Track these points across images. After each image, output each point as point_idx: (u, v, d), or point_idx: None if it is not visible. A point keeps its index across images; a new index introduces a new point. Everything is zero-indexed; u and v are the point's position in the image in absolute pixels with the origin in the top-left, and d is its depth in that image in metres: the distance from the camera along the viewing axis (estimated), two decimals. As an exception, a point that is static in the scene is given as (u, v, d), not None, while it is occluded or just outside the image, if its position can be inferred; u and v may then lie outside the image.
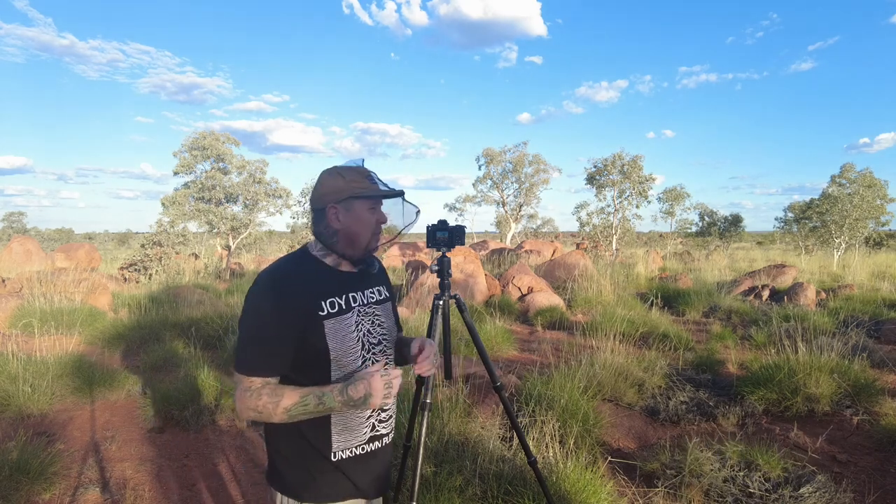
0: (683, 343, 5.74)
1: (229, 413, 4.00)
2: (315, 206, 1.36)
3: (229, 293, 9.07)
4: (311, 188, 1.50)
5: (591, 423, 3.46)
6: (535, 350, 5.80)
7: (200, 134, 16.44)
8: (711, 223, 26.76)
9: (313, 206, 1.37)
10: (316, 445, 1.31)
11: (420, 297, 7.85)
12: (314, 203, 1.36)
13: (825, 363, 4.11)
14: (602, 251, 17.95)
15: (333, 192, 1.34)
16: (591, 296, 8.52)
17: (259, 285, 1.28)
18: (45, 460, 2.98)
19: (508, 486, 2.57)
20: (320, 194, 1.35)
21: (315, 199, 1.36)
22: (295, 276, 1.30)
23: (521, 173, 25.16)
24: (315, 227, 1.38)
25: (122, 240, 45.28)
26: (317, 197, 1.36)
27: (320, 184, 1.36)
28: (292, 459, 1.33)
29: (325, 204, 1.34)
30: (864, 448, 3.40)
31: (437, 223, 2.00)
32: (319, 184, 1.36)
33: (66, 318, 6.09)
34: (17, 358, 4.33)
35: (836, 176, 20.19)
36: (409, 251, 16.55)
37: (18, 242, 12.88)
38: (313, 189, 1.38)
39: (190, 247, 16.36)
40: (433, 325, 2.03)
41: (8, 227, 35.81)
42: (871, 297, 8.74)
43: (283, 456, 1.33)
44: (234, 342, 1.25)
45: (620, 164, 19.69)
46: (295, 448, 1.32)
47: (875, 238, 23.06)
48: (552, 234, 28.93)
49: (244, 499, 2.91)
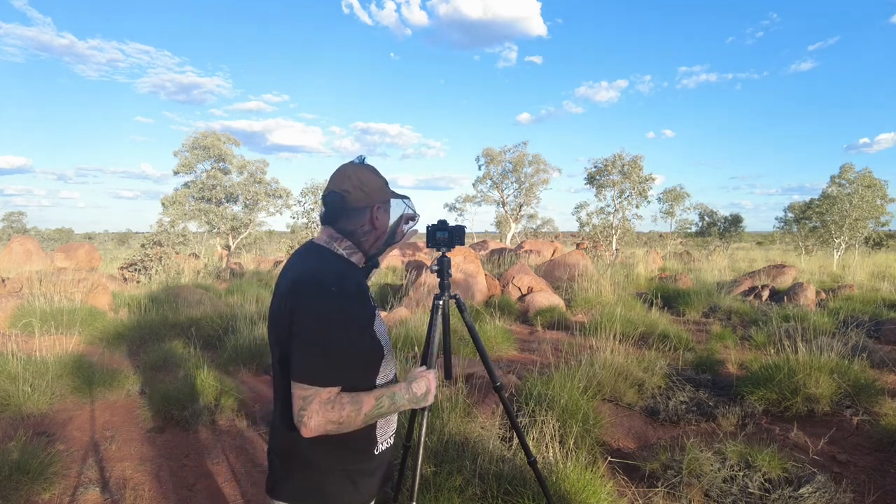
0: (683, 343, 5.74)
1: (229, 413, 4.00)
2: (359, 204, 1.32)
3: (229, 293, 9.07)
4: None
5: (591, 423, 3.46)
6: (535, 350, 5.80)
7: (201, 134, 16.46)
8: (711, 223, 26.76)
9: (356, 205, 1.32)
10: (359, 447, 1.30)
11: (420, 297, 7.84)
12: (358, 201, 1.32)
13: (825, 363, 4.11)
14: (602, 251, 17.94)
15: (379, 190, 1.36)
16: (590, 296, 8.52)
17: (323, 293, 1.19)
18: (44, 460, 2.98)
19: (508, 486, 2.57)
20: (367, 192, 1.33)
21: (360, 198, 1.32)
22: (350, 279, 1.27)
23: (521, 173, 25.16)
24: (348, 224, 1.33)
25: (122, 240, 45.28)
26: (363, 195, 1.32)
27: (366, 182, 1.34)
28: (334, 470, 1.27)
29: (373, 203, 1.34)
30: (864, 448, 3.40)
31: (437, 223, 2.00)
32: (364, 182, 1.33)
33: (66, 318, 6.09)
34: (17, 358, 4.33)
35: (836, 176, 20.19)
36: (409, 251, 16.55)
37: (18, 242, 12.88)
38: (355, 186, 1.32)
39: (190, 247, 16.35)
40: (433, 325, 2.03)
41: (8, 227, 35.79)
42: (871, 297, 8.74)
43: (322, 470, 1.26)
44: (296, 352, 1.10)
45: (620, 165, 19.69)
46: (336, 457, 1.27)
47: (875, 238, 23.05)
48: (552, 234, 28.92)
49: (244, 499, 2.91)
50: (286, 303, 1.21)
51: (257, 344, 5.41)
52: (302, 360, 1.16)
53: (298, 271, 1.27)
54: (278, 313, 1.24)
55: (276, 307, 1.27)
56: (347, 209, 1.32)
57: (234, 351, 5.32)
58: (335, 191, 1.33)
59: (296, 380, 1.16)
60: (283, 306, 1.22)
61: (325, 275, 1.23)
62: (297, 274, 1.26)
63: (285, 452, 1.29)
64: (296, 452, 1.27)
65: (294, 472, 1.28)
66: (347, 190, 1.32)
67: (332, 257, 1.31)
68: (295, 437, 1.19)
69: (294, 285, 1.22)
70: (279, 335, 1.24)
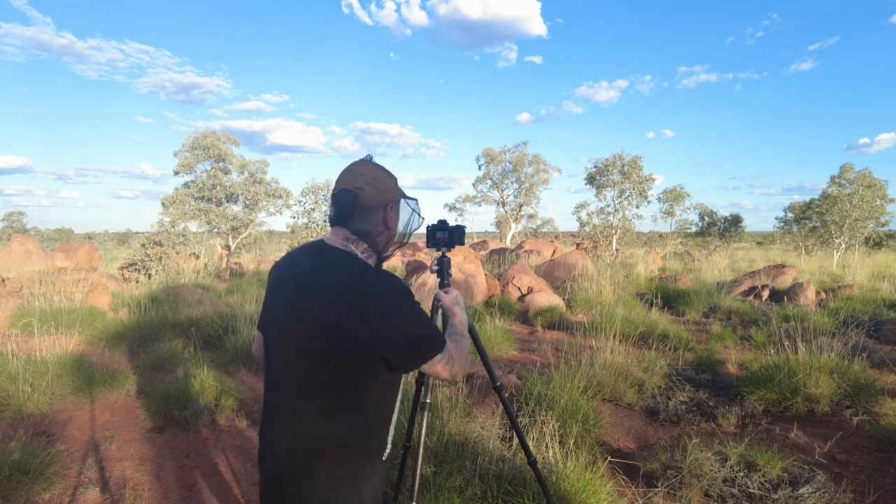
0: (683, 343, 5.74)
1: (229, 413, 4.00)
2: (372, 202, 1.29)
3: (229, 293, 9.07)
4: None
5: (591, 423, 3.46)
6: (535, 350, 5.80)
7: (202, 134, 16.47)
8: (711, 223, 26.77)
9: (369, 203, 1.29)
10: (376, 448, 1.30)
11: (420, 297, 7.84)
12: (372, 199, 1.29)
13: (825, 363, 4.11)
14: (602, 251, 17.94)
15: (392, 189, 1.34)
16: (590, 296, 8.52)
17: (397, 288, 1.23)
18: (44, 460, 2.98)
19: (508, 486, 2.57)
20: (381, 190, 1.31)
21: (373, 196, 1.29)
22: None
23: (521, 173, 25.17)
24: (363, 224, 1.30)
25: (122, 239, 45.26)
26: (376, 193, 1.30)
27: (379, 180, 1.31)
28: (347, 478, 1.25)
29: (388, 202, 1.32)
30: (864, 448, 3.40)
31: (437, 223, 1.99)
32: (377, 180, 1.31)
33: (66, 318, 6.08)
34: (17, 358, 4.33)
35: (836, 176, 20.21)
36: (409, 251, 16.55)
37: (18, 242, 12.87)
38: (368, 184, 1.29)
39: (190, 246, 16.35)
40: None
41: (8, 226, 35.80)
42: (871, 297, 8.74)
43: (342, 480, 1.24)
44: (409, 337, 1.00)
45: (620, 165, 19.69)
46: (353, 464, 1.26)
47: (875, 238, 23.06)
48: (552, 234, 28.92)
49: (244, 499, 2.91)
50: (333, 305, 1.17)
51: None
52: (420, 340, 1.25)
53: (336, 273, 1.23)
54: (317, 314, 1.20)
55: (314, 309, 1.21)
56: (360, 207, 1.29)
57: (234, 351, 5.32)
58: (347, 188, 1.29)
59: (428, 358, 1.25)
60: (329, 308, 1.18)
61: (373, 271, 1.26)
62: (342, 277, 1.22)
63: (308, 473, 1.24)
64: (315, 467, 1.24)
65: (307, 488, 1.24)
66: (361, 187, 1.29)
67: (356, 261, 1.27)
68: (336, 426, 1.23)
69: (347, 288, 1.19)
70: (318, 332, 1.19)
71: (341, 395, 1.22)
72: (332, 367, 1.21)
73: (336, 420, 1.23)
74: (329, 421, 1.23)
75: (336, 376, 1.21)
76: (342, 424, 1.23)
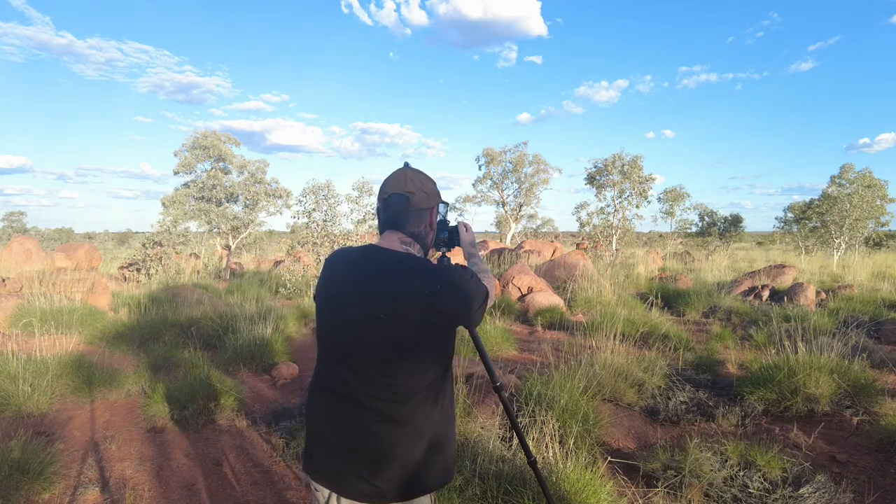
0: (683, 343, 5.74)
1: (229, 413, 4.01)
2: (423, 205, 1.36)
3: (229, 293, 9.06)
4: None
5: (591, 423, 3.46)
6: (535, 350, 5.80)
7: (201, 134, 16.46)
8: (711, 223, 26.75)
9: (421, 205, 1.36)
10: (454, 423, 1.44)
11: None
12: (422, 202, 1.36)
13: (825, 363, 4.11)
14: (602, 251, 17.95)
15: (436, 193, 1.42)
16: (591, 296, 8.52)
17: (447, 266, 1.32)
18: (44, 460, 2.98)
19: (508, 485, 2.57)
20: (428, 193, 1.37)
21: (423, 199, 1.36)
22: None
23: (521, 173, 25.14)
24: (415, 226, 1.36)
25: (122, 239, 45.22)
26: (425, 196, 1.36)
27: (426, 184, 1.37)
28: (450, 448, 1.37)
29: (432, 204, 1.39)
30: (864, 448, 3.40)
31: (438, 223, 2.00)
32: (424, 183, 1.37)
33: (66, 318, 6.08)
34: (17, 357, 4.33)
35: (836, 176, 20.22)
36: (409, 251, 16.51)
37: (18, 242, 12.87)
38: (418, 188, 1.35)
39: (190, 246, 16.35)
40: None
41: (8, 226, 35.78)
42: (871, 297, 8.74)
43: (447, 452, 1.35)
44: (462, 300, 1.33)
45: (620, 165, 19.66)
46: (452, 436, 1.39)
47: (875, 238, 23.06)
48: (552, 234, 28.94)
49: (244, 499, 2.91)
50: (420, 297, 1.24)
51: (257, 344, 5.41)
52: (474, 288, 1.31)
53: (417, 272, 1.28)
54: (404, 311, 1.25)
55: (399, 311, 1.25)
56: (412, 211, 1.35)
57: (234, 351, 5.32)
58: (399, 192, 1.34)
59: (480, 296, 1.32)
60: (416, 300, 1.24)
61: (439, 265, 1.33)
62: (425, 272, 1.29)
63: (423, 435, 1.30)
64: (436, 434, 1.31)
65: (423, 464, 1.28)
66: (412, 191, 1.35)
67: (422, 259, 1.35)
68: (437, 419, 1.30)
69: (435, 275, 1.27)
70: (411, 320, 1.24)
71: (440, 388, 1.33)
72: (426, 362, 1.29)
73: (438, 405, 1.32)
74: (434, 406, 1.30)
75: (429, 366, 1.30)
76: (438, 409, 1.33)
